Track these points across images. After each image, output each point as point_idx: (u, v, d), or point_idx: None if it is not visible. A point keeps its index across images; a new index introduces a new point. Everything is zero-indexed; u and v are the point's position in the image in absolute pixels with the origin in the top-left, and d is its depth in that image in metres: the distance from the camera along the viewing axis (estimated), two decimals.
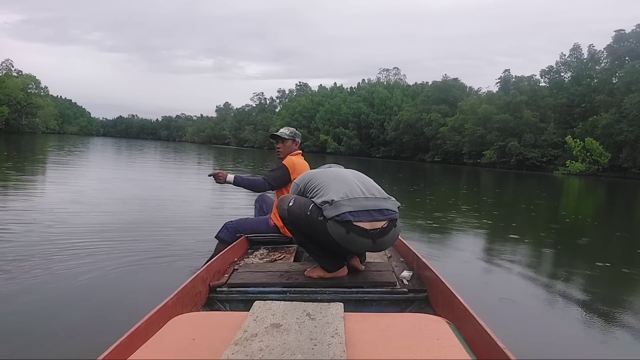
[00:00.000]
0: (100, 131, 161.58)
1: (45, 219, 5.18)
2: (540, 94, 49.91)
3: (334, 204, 2.11)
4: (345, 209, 2.09)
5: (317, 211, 2.17)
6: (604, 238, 7.23)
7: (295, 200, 2.31)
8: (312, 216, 2.17)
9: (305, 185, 2.39)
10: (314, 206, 2.20)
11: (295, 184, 2.50)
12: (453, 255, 5.00)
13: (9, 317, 2.45)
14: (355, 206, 2.11)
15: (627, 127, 38.09)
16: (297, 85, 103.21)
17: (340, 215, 2.08)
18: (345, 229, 2.08)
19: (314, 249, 2.31)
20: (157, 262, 3.62)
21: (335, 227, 2.09)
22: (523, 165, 45.98)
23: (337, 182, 2.26)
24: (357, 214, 2.09)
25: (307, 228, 2.22)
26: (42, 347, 2.12)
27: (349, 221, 2.07)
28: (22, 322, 2.37)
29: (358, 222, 2.09)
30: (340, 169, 2.52)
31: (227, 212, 6.35)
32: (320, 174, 2.40)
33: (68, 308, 2.61)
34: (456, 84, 64.61)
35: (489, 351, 1.38)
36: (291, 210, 2.27)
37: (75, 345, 2.15)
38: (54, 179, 10.45)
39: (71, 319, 2.46)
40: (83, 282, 3.05)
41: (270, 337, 1.27)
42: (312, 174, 2.47)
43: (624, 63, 43.58)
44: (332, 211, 2.10)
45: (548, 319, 3.02)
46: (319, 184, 2.30)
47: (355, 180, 2.29)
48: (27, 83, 67.51)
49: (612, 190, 22.77)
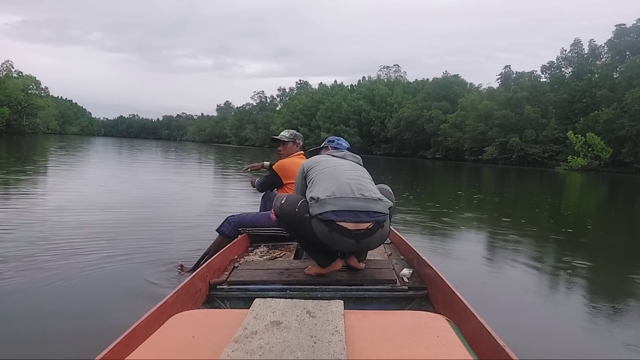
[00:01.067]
0: (101, 131, 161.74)
1: (43, 217, 5.19)
2: (541, 90, 49.80)
3: (320, 202, 2.11)
4: (329, 208, 2.08)
5: (305, 207, 2.19)
6: (606, 235, 7.22)
7: (287, 198, 2.34)
8: (300, 212, 2.20)
9: (309, 170, 2.44)
10: (303, 202, 2.23)
11: (302, 166, 2.54)
12: (453, 252, 5.00)
13: (9, 316, 2.44)
14: (341, 206, 2.09)
15: (629, 122, 38.02)
16: (297, 84, 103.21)
17: (323, 214, 2.08)
18: (328, 228, 2.08)
19: (306, 244, 2.34)
20: (157, 260, 3.61)
21: (318, 225, 2.10)
22: (524, 161, 45.94)
23: (329, 178, 2.26)
24: (341, 214, 2.08)
25: (297, 225, 2.24)
26: (42, 347, 2.12)
27: (332, 220, 2.07)
28: (22, 321, 2.37)
29: (341, 222, 2.07)
30: (343, 163, 2.49)
31: (228, 210, 6.34)
32: (323, 164, 2.42)
33: (67, 308, 2.60)
34: (457, 80, 64.49)
35: (489, 349, 1.38)
36: (283, 207, 2.30)
37: (75, 344, 2.15)
38: (55, 179, 10.47)
39: (71, 318, 2.46)
40: (82, 282, 3.04)
41: (270, 335, 1.27)
42: (318, 160, 2.49)
43: (625, 58, 43.44)
44: (316, 209, 2.10)
45: (548, 317, 3.02)
46: (315, 176, 2.34)
47: (349, 178, 2.26)
48: (28, 84, 67.58)
49: (614, 186, 22.73)
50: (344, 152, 2.68)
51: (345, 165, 2.43)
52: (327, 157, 2.54)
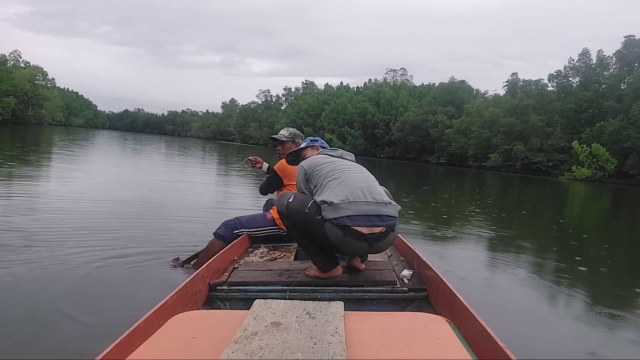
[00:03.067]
0: (105, 124, 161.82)
1: (45, 212, 5.20)
2: (548, 98, 49.64)
3: (334, 206, 2.11)
4: (344, 213, 2.09)
5: (316, 209, 2.18)
6: (608, 244, 7.19)
7: (295, 197, 2.32)
8: (310, 214, 2.19)
9: (312, 172, 2.39)
10: (313, 203, 2.21)
11: (302, 167, 2.49)
12: (454, 254, 4.99)
13: (8, 316, 2.41)
14: (355, 210, 2.10)
15: (635, 133, 37.85)
16: (303, 84, 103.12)
17: (338, 219, 2.08)
18: (342, 232, 2.09)
19: (308, 246, 2.32)
20: (158, 260, 3.60)
21: (332, 229, 2.10)
22: (528, 169, 45.78)
23: (340, 182, 2.24)
24: (355, 219, 2.09)
25: (305, 225, 2.24)
26: (42, 347, 2.10)
27: (347, 225, 2.08)
28: (21, 320, 2.34)
29: (356, 226, 2.09)
30: (349, 164, 2.47)
31: (230, 213, 6.35)
32: (328, 166, 2.38)
33: (66, 307, 2.56)
34: (463, 86, 64.35)
35: (489, 350, 1.38)
36: (290, 206, 2.29)
37: (75, 344, 2.13)
38: (60, 172, 10.51)
39: (70, 317, 2.43)
40: (82, 282, 3.00)
41: (270, 336, 1.27)
42: (319, 161, 2.45)
43: (633, 69, 43.30)
44: (330, 213, 2.10)
45: (548, 318, 3.02)
46: (323, 178, 2.30)
47: (359, 182, 2.26)
48: (35, 74, 67.84)
49: (618, 197, 22.64)
50: (340, 151, 2.67)
51: (350, 167, 2.42)
52: (326, 158, 2.52)
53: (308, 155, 2.85)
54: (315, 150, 2.86)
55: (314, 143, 2.95)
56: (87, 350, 1.87)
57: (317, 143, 2.95)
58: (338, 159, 2.52)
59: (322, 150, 2.73)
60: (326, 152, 2.66)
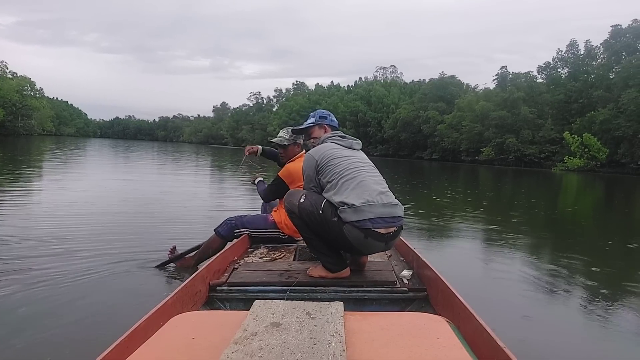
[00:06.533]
0: (97, 132, 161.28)
1: (42, 219, 5.16)
2: (538, 90, 50.02)
3: (355, 209, 2.13)
4: (366, 216, 2.14)
5: (331, 210, 2.18)
6: (604, 235, 7.24)
7: (306, 197, 2.29)
8: (325, 215, 2.19)
9: (324, 164, 2.33)
10: (326, 203, 2.21)
11: (312, 156, 2.40)
12: (453, 254, 4.99)
13: (8, 317, 2.42)
14: (375, 213, 2.17)
15: (625, 122, 38.21)
16: (294, 85, 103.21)
17: (360, 222, 2.13)
18: (363, 234, 2.15)
19: (319, 246, 2.30)
20: (158, 260, 3.58)
21: (353, 231, 2.15)
22: (521, 161, 46.10)
23: (357, 182, 2.24)
24: (376, 221, 2.16)
25: (318, 226, 2.23)
26: (42, 347, 2.09)
27: (369, 228, 2.14)
28: (21, 322, 2.35)
29: (377, 228, 2.16)
30: (362, 161, 2.42)
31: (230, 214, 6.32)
32: (342, 162, 2.33)
33: (66, 308, 2.57)
34: (453, 81, 64.66)
35: (489, 350, 1.38)
36: (302, 206, 2.26)
37: (74, 345, 2.13)
38: (54, 180, 10.43)
39: (70, 318, 2.43)
40: (81, 282, 3.03)
41: (270, 336, 1.27)
42: (331, 154, 2.37)
43: (621, 58, 43.71)
44: (351, 215, 2.13)
45: (548, 318, 3.01)
46: (339, 176, 2.26)
47: (376, 184, 2.30)
48: (22, 85, 67.47)
49: (611, 186, 22.82)
50: (348, 140, 2.54)
51: (365, 167, 2.39)
52: (338, 150, 2.42)
53: (315, 135, 2.72)
54: (323, 131, 2.70)
55: (323, 121, 2.73)
56: (87, 351, 1.87)
57: (325, 121, 2.73)
58: (349, 151, 2.45)
59: (330, 136, 2.57)
60: (335, 140, 2.52)
